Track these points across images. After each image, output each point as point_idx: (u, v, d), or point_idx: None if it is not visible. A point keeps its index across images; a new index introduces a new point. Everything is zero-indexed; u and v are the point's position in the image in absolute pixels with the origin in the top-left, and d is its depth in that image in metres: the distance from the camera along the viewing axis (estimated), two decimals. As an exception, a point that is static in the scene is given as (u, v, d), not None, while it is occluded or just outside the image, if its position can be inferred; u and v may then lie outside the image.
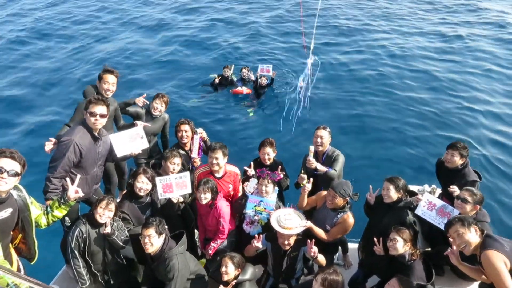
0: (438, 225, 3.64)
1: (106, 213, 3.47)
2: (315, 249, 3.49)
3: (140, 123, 4.51)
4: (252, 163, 4.37)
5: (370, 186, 4.03)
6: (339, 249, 4.40)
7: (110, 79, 4.34)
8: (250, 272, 3.51)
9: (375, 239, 3.62)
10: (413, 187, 4.40)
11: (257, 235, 3.73)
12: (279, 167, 4.21)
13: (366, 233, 4.08)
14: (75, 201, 3.20)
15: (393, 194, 3.71)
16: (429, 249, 3.98)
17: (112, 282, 3.77)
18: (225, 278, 3.41)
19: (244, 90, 9.45)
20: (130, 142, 4.05)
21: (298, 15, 14.45)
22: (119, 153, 3.97)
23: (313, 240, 3.53)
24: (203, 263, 4.21)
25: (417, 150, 7.73)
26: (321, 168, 4.22)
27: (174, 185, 3.84)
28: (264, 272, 4.05)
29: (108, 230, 3.48)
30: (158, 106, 4.82)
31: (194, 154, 4.54)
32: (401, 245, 3.35)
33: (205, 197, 3.82)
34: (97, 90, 4.42)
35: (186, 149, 4.72)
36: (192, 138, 4.66)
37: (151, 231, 3.33)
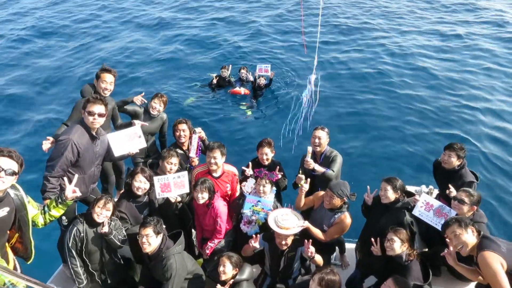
0: (435, 226, 3.65)
1: (103, 213, 3.47)
2: (312, 249, 3.48)
3: (138, 122, 4.50)
4: (250, 163, 4.37)
5: (368, 187, 4.03)
6: (336, 249, 4.41)
7: (108, 78, 4.32)
8: (247, 271, 3.51)
9: (373, 240, 3.62)
10: (410, 188, 4.40)
11: (255, 235, 3.73)
12: (277, 167, 4.22)
13: (363, 233, 4.09)
14: (72, 201, 3.20)
15: (391, 194, 3.73)
16: (426, 250, 3.99)
17: (109, 282, 3.77)
18: (223, 277, 3.41)
19: (242, 90, 9.42)
20: (127, 142, 4.04)
21: (298, 14, 14.46)
22: (116, 153, 3.96)
23: (310, 240, 3.53)
24: (200, 262, 4.21)
25: (415, 148, 7.73)
26: (319, 168, 4.23)
27: (172, 185, 3.83)
28: (261, 272, 4.06)
29: (105, 229, 3.48)
30: (157, 105, 4.81)
31: (192, 154, 4.54)
32: (398, 245, 3.36)
33: (202, 197, 3.81)
34: (95, 89, 4.41)
35: (184, 148, 4.72)
36: (190, 138, 4.66)
37: (149, 230, 3.33)
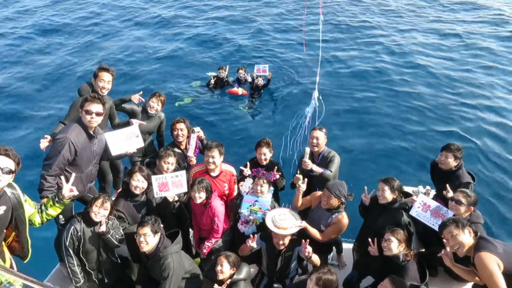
0: (432, 226, 3.65)
1: (101, 212, 3.46)
2: (309, 249, 3.49)
3: (135, 121, 4.49)
4: (248, 163, 4.37)
5: (365, 187, 4.04)
6: (333, 249, 4.41)
7: (106, 77, 4.31)
8: (245, 271, 3.50)
9: (370, 240, 3.63)
10: (407, 188, 4.42)
11: (252, 234, 3.74)
12: (275, 168, 4.21)
13: (361, 233, 4.09)
14: (69, 200, 3.18)
15: (388, 195, 3.73)
16: (423, 250, 4.01)
17: (106, 281, 3.76)
18: (220, 277, 3.40)
19: (240, 90, 9.43)
20: (125, 141, 4.02)
21: (297, 13, 14.46)
22: (114, 152, 3.95)
23: (308, 240, 3.54)
24: (197, 262, 4.20)
25: (414, 147, 7.77)
26: (317, 169, 4.23)
27: (170, 184, 3.83)
28: (258, 272, 4.05)
29: (103, 228, 3.47)
30: (155, 105, 4.80)
31: (190, 153, 4.53)
32: (395, 245, 3.37)
33: (199, 196, 3.81)
34: (93, 88, 4.40)
35: (181, 147, 4.71)
36: (188, 137, 4.65)
37: (146, 229, 3.32)
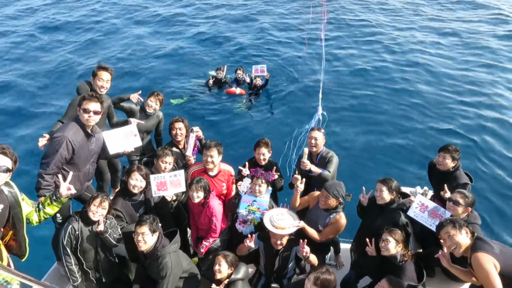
0: (430, 227, 3.67)
1: (99, 211, 3.45)
2: (307, 249, 3.49)
3: (133, 121, 4.49)
4: (247, 163, 4.37)
5: (363, 188, 4.05)
6: (331, 249, 4.42)
7: (105, 76, 4.30)
8: (243, 271, 3.51)
9: (367, 240, 3.64)
10: (405, 189, 4.43)
11: (250, 234, 3.74)
12: (274, 168, 4.21)
13: (359, 234, 4.10)
14: (67, 198, 3.18)
15: (386, 195, 3.74)
16: (421, 251, 4.02)
17: (104, 280, 3.74)
18: (218, 276, 3.40)
19: (238, 90, 9.46)
20: (123, 140, 4.01)
21: (299, 14, 14.44)
22: (111, 151, 3.94)
23: (305, 240, 3.55)
24: (195, 261, 4.20)
25: (413, 147, 7.78)
26: (316, 169, 4.23)
27: (168, 183, 3.83)
28: (256, 272, 4.05)
29: (101, 228, 3.46)
30: (153, 104, 4.80)
31: (188, 152, 4.53)
32: (393, 245, 3.38)
33: (197, 196, 3.81)
34: (91, 87, 4.39)
35: (180, 147, 4.71)
36: (186, 136, 4.65)
37: (144, 228, 3.32)
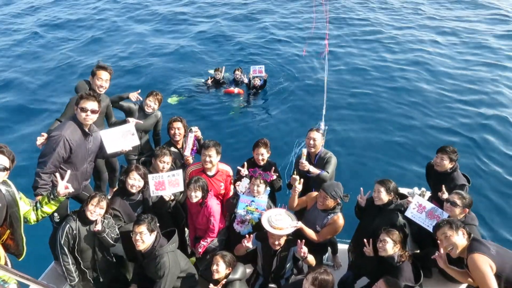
0: (427, 228, 3.67)
1: (97, 211, 3.45)
2: (305, 249, 3.50)
3: (132, 120, 4.48)
4: (245, 163, 4.37)
5: (361, 188, 4.06)
6: (329, 250, 4.43)
7: (104, 75, 4.29)
8: (240, 271, 3.51)
9: (365, 240, 3.65)
10: (403, 190, 4.45)
11: (248, 234, 3.74)
12: (273, 168, 4.22)
13: (356, 234, 4.11)
14: (64, 197, 3.17)
15: (384, 196, 3.75)
16: (418, 251, 4.03)
17: (101, 280, 3.74)
18: (216, 276, 3.40)
19: (236, 90, 9.48)
20: (121, 139, 3.99)
21: (301, 14, 14.44)
22: (109, 150, 3.92)
23: (303, 241, 3.55)
24: (192, 261, 4.20)
25: (412, 147, 7.79)
26: (314, 170, 4.23)
27: (167, 183, 3.82)
28: (253, 272, 4.06)
29: (98, 227, 3.45)
30: (152, 104, 4.79)
31: (187, 152, 4.52)
32: (390, 246, 3.39)
33: (195, 196, 3.81)
34: (90, 86, 4.38)
35: (178, 146, 4.70)
36: (185, 136, 4.64)
37: (142, 228, 3.31)
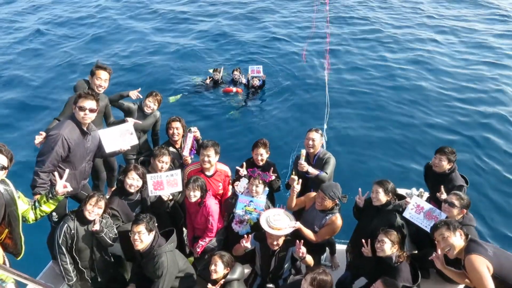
0: (425, 228, 3.67)
1: (95, 210, 3.44)
2: (303, 249, 3.50)
3: (130, 120, 4.49)
4: (244, 163, 4.37)
5: (360, 189, 4.06)
6: (327, 250, 4.43)
7: (103, 75, 4.30)
8: (238, 271, 3.50)
9: (363, 241, 3.66)
10: (401, 191, 4.45)
11: (246, 234, 3.74)
12: (272, 169, 4.22)
13: (354, 235, 4.12)
14: (63, 196, 3.17)
15: (382, 197, 3.76)
16: (416, 252, 4.04)
17: (99, 280, 3.73)
18: (214, 276, 3.40)
19: (234, 88, 9.49)
20: (119, 138, 3.99)
21: (302, 14, 14.45)
22: (108, 149, 3.92)
23: (302, 241, 3.56)
24: (191, 261, 4.20)
25: (412, 147, 7.80)
26: (313, 171, 4.23)
27: (165, 183, 3.82)
28: (251, 272, 4.06)
29: (96, 227, 3.45)
30: (151, 104, 4.79)
31: (185, 152, 4.52)
32: (388, 247, 3.40)
33: (194, 195, 3.81)
34: (89, 85, 4.38)
35: (177, 146, 4.71)
36: (183, 136, 4.64)
37: (141, 227, 3.31)
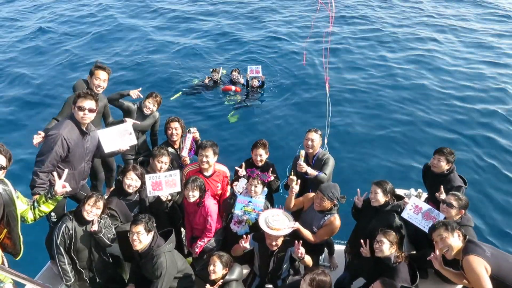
0: (424, 229, 3.68)
1: (93, 211, 3.44)
2: (302, 250, 3.51)
3: (129, 120, 4.48)
4: (243, 164, 4.37)
5: (358, 190, 4.07)
6: (325, 250, 4.44)
7: (102, 75, 4.29)
8: (237, 271, 3.50)
9: (362, 241, 3.66)
10: (400, 191, 4.46)
11: (245, 235, 3.74)
12: (271, 169, 4.22)
13: (353, 235, 4.12)
14: (62, 196, 3.16)
15: (381, 197, 3.76)
16: (414, 252, 4.05)
17: (98, 280, 3.73)
18: (213, 277, 3.40)
19: (233, 87, 9.48)
20: (118, 138, 3.99)
21: (303, 14, 14.44)
22: (106, 149, 3.92)
23: (301, 241, 3.56)
24: (189, 261, 4.20)
25: (412, 146, 7.83)
26: (312, 172, 4.23)
27: (164, 183, 3.82)
28: (250, 272, 4.06)
29: (95, 228, 3.45)
30: (151, 105, 4.79)
31: (184, 153, 4.52)
32: (387, 247, 3.41)
33: (193, 195, 3.81)
34: (88, 85, 4.37)
35: (175, 147, 4.71)
36: (182, 136, 4.64)
37: (140, 228, 3.31)
